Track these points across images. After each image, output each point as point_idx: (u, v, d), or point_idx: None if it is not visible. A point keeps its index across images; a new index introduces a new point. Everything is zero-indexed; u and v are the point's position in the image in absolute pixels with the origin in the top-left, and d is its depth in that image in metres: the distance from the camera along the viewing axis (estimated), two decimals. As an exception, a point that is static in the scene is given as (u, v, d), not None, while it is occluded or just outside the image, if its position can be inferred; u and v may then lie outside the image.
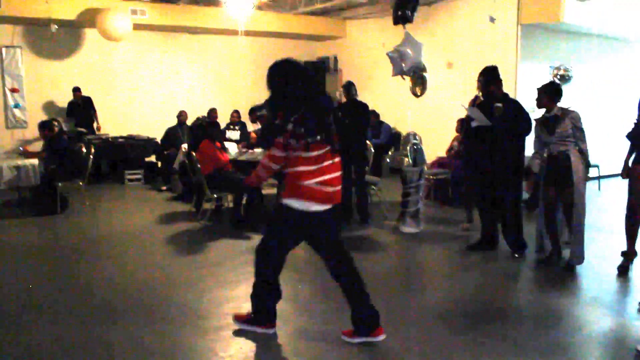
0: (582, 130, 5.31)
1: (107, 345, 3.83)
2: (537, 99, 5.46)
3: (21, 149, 9.17)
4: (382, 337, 3.74)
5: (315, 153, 3.56)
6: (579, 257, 5.38)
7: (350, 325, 3.78)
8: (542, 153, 5.50)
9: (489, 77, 5.81)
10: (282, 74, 3.63)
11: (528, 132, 5.71)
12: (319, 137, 3.55)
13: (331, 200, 3.65)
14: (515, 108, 5.66)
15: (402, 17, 6.96)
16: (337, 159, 3.70)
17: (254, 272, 3.87)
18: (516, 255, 5.81)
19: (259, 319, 3.95)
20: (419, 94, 7.13)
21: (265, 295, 3.91)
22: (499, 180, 5.74)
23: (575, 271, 5.35)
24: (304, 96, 3.59)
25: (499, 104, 5.57)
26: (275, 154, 3.69)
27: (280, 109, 3.71)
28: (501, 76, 5.79)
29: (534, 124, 5.60)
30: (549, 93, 5.39)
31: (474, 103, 6.05)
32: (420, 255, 6.35)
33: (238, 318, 4.06)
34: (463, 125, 6.73)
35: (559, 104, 5.39)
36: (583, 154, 5.32)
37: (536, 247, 5.77)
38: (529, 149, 5.76)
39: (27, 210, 8.26)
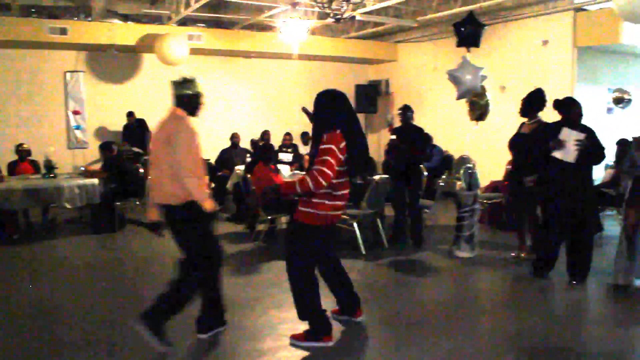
0: None
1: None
2: None
3: (82, 168, 9.44)
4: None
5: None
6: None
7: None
8: (635, 173, 5.28)
9: (533, 101, 6.18)
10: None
11: (599, 162, 5.60)
12: None
13: None
14: (589, 137, 5.47)
15: (467, 40, 6.96)
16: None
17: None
18: (574, 282, 5.62)
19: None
20: (472, 118, 7.08)
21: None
22: (580, 207, 5.52)
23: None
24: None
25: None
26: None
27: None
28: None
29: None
30: None
31: (520, 129, 6.27)
32: (475, 280, 6.23)
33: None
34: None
35: None
36: None
37: (613, 272, 5.43)
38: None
39: (86, 228, 8.51)
